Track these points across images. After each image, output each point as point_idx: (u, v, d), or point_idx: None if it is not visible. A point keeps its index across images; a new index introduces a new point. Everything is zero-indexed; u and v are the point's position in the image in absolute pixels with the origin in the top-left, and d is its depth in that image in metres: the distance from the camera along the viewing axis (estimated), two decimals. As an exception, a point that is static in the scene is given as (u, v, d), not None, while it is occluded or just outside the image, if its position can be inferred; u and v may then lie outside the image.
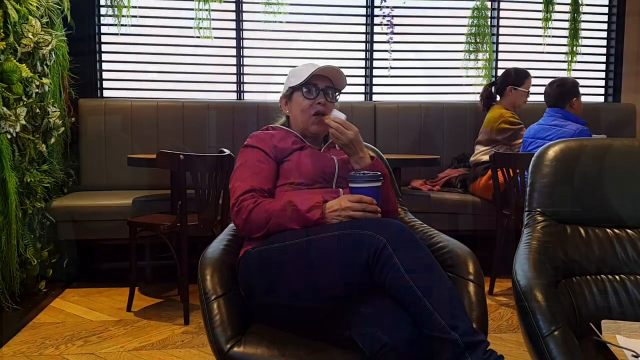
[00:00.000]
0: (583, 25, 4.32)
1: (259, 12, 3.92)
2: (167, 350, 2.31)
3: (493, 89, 3.67)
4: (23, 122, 2.72)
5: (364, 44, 4.12)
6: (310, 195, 1.52)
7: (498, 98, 3.66)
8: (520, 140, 3.38)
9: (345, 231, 1.34)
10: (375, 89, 4.15)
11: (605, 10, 4.40)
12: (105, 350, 2.30)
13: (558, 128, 3.11)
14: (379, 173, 1.51)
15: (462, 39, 4.18)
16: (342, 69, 1.73)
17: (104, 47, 3.84)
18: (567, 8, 4.28)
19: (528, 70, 3.61)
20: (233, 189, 1.58)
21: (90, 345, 2.35)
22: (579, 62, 4.36)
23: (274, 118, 1.88)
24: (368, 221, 1.38)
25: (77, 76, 3.64)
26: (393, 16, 4.05)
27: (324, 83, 1.72)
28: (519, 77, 3.56)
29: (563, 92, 3.21)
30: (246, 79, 4.01)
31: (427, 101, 4.10)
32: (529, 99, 3.61)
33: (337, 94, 1.76)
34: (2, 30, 2.57)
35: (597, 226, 1.57)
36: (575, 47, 4.31)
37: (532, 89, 3.62)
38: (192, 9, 3.83)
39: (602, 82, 4.47)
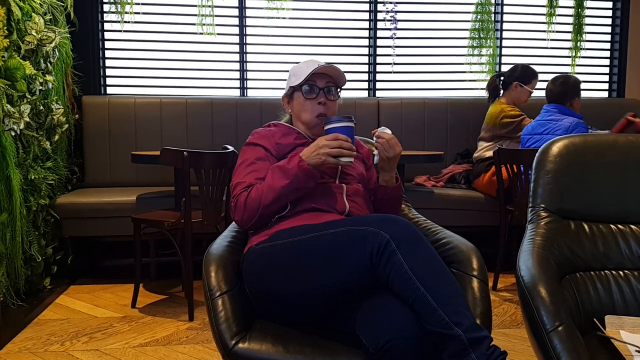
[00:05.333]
0: (587, 20, 4.30)
1: (262, 8, 3.92)
2: (172, 346, 2.32)
3: (500, 81, 3.62)
4: (27, 119, 2.73)
5: (367, 39, 4.10)
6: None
7: (502, 92, 3.63)
8: None
9: (348, 227, 1.34)
10: (378, 85, 4.14)
11: (610, 5, 4.38)
12: (110, 346, 2.32)
13: (554, 122, 3.10)
14: (351, 116, 1.58)
15: (466, 34, 4.16)
16: (344, 65, 1.73)
17: (108, 44, 3.85)
18: (571, 3, 4.26)
19: (537, 72, 3.57)
20: (233, 187, 1.60)
21: (95, 342, 2.36)
22: (583, 57, 4.34)
23: (279, 116, 1.87)
24: (372, 218, 1.37)
25: (81, 73, 3.64)
26: (396, 11, 4.05)
27: (324, 80, 1.70)
28: (527, 75, 3.52)
29: (566, 89, 3.19)
30: (249, 75, 4.01)
31: (431, 97, 4.09)
32: (532, 94, 3.57)
33: (339, 90, 1.75)
34: (5, 28, 2.58)
35: (601, 222, 1.56)
36: (579, 43, 4.29)
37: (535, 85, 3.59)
38: (195, 6, 3.83)
39: (607, 78, 4.45)
